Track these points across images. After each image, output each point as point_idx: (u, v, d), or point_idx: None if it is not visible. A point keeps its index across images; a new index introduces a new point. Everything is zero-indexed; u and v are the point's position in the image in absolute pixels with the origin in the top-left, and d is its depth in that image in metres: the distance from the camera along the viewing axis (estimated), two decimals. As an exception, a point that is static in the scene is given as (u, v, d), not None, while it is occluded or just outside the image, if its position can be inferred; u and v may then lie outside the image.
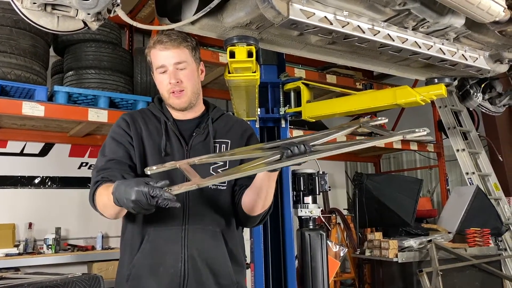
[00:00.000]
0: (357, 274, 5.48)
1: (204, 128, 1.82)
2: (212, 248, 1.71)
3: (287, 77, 3.34)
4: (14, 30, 3.80)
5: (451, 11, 2.07)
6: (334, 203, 6.64)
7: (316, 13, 1.89)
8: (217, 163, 1.78)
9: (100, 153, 1.78)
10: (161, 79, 1.76)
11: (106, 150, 1.76)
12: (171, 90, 1.75)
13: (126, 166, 1.70)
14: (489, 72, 2.67)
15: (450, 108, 6.22)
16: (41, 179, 4.78)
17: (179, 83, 1.74)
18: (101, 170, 1.68)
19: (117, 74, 4.42)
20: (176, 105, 1.79)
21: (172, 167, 1.54)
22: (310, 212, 3.49)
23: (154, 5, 5.61)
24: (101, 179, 1.65)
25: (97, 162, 1.75)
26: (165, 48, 1.72)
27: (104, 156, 1.74)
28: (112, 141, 1.77)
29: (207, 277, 1.69)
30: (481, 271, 4.68)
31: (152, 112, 1.86)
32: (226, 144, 1.83)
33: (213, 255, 1.71)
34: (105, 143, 1.79)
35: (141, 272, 1.66)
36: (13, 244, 4.28)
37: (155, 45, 1.74)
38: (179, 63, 1.74)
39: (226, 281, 1.72)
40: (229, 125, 1.90)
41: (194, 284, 1.66)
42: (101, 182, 1.64)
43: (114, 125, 1.83)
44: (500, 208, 5.83)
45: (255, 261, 3.22)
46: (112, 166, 1.68)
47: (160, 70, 1.74)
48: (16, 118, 4.07)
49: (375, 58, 2.56)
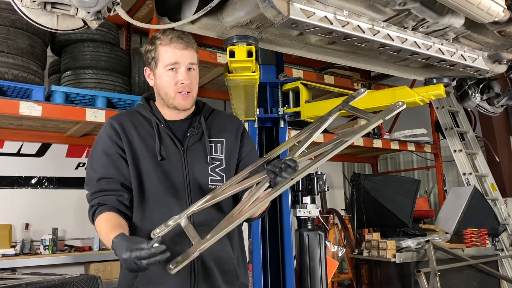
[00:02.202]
0: (355, 275, 5.48)
1: (198, 127, 1.81)
2: (218, 247, 1.71)
3: (285, 77, 3.34)
4: (12, 29, 3.78)
5: (450, 11, 2.08)
6: (331, 204, 6.64)
7: (316, 13, 1.89)
8: (214, 162, 1.77)
9: (89, 164, 1.76)
10: (170, 76, 1.72)
11: (95, 163, 1.74)
12: (180, 89, 1.72)
13: (118, 185, 1.70)
14: (488, 72, 2.67)
15: (448, 109, 6.25)
16: (38, 179, 4.76)
17: (189, 84, 1.73)
18: (96, 192, 1.70)
19: (115, 74, 4.41)
20: (181, 106, 1.76)
21: (175, 225, 1.54)
22: (308, 212, 3.49)
23: (151, 6, 5.61)
24: (97, 204, 1.67)
25: (88, 177, 1.75)
26: (183, 47, 1.71)
27: (93, 170, 1.73)
28: (102, 155, 1.74)
29: (215, 277, 1.70)
30: (478, 271, 4.69)
31: (141, 114, 1.81)
32: (221, 143, 1.82)
33: (220, 254, 1.72)
34: (94, 155, 1.77)
35: (150, 276, 1.64)
36: (9, 244, 4.27)
37: (171, 42, 1.70)
38: (192, 64, 1.74)
39: (231, 278, 1.74)
40: (221, 122, 1.89)
41: (204, 284, 1.67)
42: (97, 207, 1.67)
43: (102, 132, 1.79)
44: (497, 209, 5.85)
45: (254, 261, 3.22)
46: (106, 188, 1.69)
47: (170, 67, 1.71)
48: (13, 118, 4.05)
49: (375, 58, 2.56)
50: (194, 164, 1.74)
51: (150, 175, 1.69)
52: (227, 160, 1.81)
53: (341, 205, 7.11)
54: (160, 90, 1.76)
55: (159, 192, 1.69)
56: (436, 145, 6.69)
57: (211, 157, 1.78)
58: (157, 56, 1.73)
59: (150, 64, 1.76)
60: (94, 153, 1.77)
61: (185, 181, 1.72)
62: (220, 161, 1.79)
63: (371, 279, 4.90)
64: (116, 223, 1.60)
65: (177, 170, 1.72)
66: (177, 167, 1.72)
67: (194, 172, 1.74)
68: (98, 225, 1.65)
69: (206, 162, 1.76)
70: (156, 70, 1.75)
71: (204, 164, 1.76)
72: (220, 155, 1.81)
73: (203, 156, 1.77)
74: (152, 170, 1.70)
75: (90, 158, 1.77)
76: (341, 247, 4.21)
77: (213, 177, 1.77)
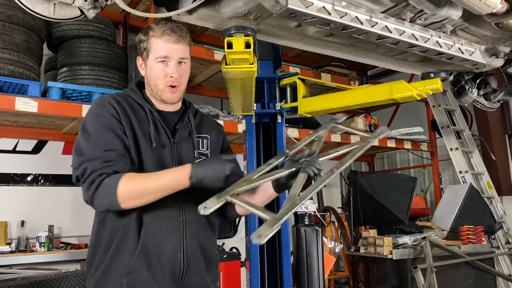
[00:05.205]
0: (351, 272, 5.48)
1: (187, 122, 1.84)
2: (205, 237, 1.78)
3: (283, 72, 3.33)
4: (7, 25, 3.77)
5: (448, 3, 2.08)
6: (328, 202, 6.64)
7: (314, 3, 1.89)
8: (201, 157, 1.83)
9: (84, 137, 1.63)
10: (160, 69, 1.73)
11: (97, 139, 1.62)
12: (170, 83, 1.74)
13: (128, 158, 1.64)
14: (485, 66, 2.68)
15: (444, 107, 6.27)
16: (34, 176, 4.74)
17: (178, 78, 1.75)
18: (105, 162, 1.58)
19: (111, 70, 4.41)
20: (168, 99, 1.78)
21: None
22: (305, 208, 3.49)
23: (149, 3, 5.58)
24: (112, 172, 1.57)
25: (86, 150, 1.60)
26: (175, 41, 1.71)
27: (94, 143, 1.61)
28: (103, 129, 1.64)
29: (201, 265, 1.76)
30: (474, 268, 4.71)
31: (133, 99, 1.79)
32: (206, 139, 1.90)
33: (206, 243, 1.79)
34: (90, 129, 1.65)
35: (142, 264, 1.64)
36: (5, 242, 4.23)
37: (163, 34, 1.70)
38: (182, 59, 1.75)
39: (212, 268, 1.82)
40: (206, 120, 1.97)
41: (191, 272, 1.71)
42: (107, 175, 1.56)
43: (99, 108, 1.69)
44: (493, 207, 5.87)
45: (251, 257, 3.21)
46: (116, 159, 1.60)
47: (160, 59, 1.72)
48: (9, 115, 4.03)
49: (372, 52, 2.56)
50: (183, 156, 1.78)
51: (148, 159, 1.69)
52: (212, 155, 1.88)
53: (337, 204, 7.12)
54: (150, 81, 1.78)
55: None
56: (432, 144, 6.72)
57: (198, 151, 1.83)
58: (149, 47, 1.74)
59: (142, 54, 1.78)
60: (90, 128, 1.65)
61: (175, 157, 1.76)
62: (205, 156, 1.86)
63: (368, 276, 4.91)
64: (151, 172, 1.63)
65: (168, 159, 1.74)
66: (168, 156, 1.75)
67: (182, 164, 1.73)
68: (131, 181, 1.55)
69: (193, 156, 1.81)
70: (147, 61, 1.76)
71: (192, 158, 1.79)
72: (206, 150, 1.88)
73: (191, 150, 1.81)
74: (149, 154, 1.70)
75: (85, 134, 1.64)
76: (338, 243, 4.21)
77: None
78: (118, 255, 1.66)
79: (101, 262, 1.68)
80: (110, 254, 1.67)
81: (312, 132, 1.94)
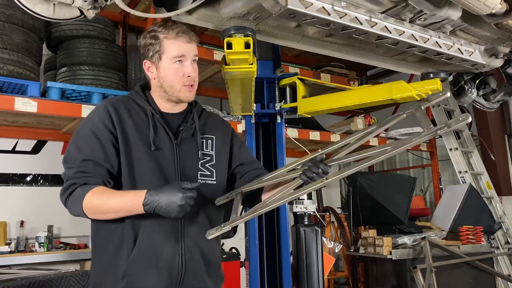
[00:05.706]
0: (351, 273, 5.48)
1: (191, 123, 1.82)
2: (204, 239, 1.71)
3: (282, 73, 3.33)
4: (7, 25, 3.77)
5: (448, 3, 2.08)
6: (327, 202, 6.65)
7: (314, 3, 1.89)
8: (205, 158, 1.81)
9: (74, 141, 1.68)
10: (175, 69, 1.72)
11: (82, 143, 1.67)
12: (187, 82, 1.74)
13: (105, 170, 1.66)
14: (484, 66, 2.68)
15: (443, 107, 6.27)
16: (33, 176, 4.73)
17: (195, 77, 1.76)
18: (80, 172, 1.63)
19: (111, 70, 4.40)
20: (186, 98, 1.78)
21: None
22: (305, 208, 3.48)
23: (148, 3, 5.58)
24: (82, 183, 1.62)
25: (70, 154, 1.67)
26: (188, 41, 1.73)
27: (78, 149, 1.66)
28: (91, 137, 1.67)
29: (201, 268, 1.74)
30: (474, 268, 4.71)
31: (135, 102, 1.79)
32: (211, 139, 1.87)
33: (206, 246, 1.76)
34: (82, 134, 1.69)
35: (139, 267, 1.64)
36: (4, 242, 4.23)
37: (177, 36, 1.71)
38: (196, 56, 1.77)
39: (214, 270, 1.79)
40: (212, 121, 1.94)
41: (191, 275, 1.70)
42: (80, 185, 1.62)
43: (95, 114, 1.73)
44: (493, 207, 5.87)
45: (250, 257, 3.20)
46: (91, 171, 1.63)
47: (177, 59, 1.71)
48: (8, 115, 4.03)
49: (372, 52, 2.56)
50: (186, 158, 1.76)
51: (142, 163, 1.68)
52: (217, 156, 1.85)
53: (337, 204, 7.11)
54: (164, 83, 1.75)
55: (150, 181, 1.66)
56: (432, 144, 6.72)
57: (202, 152, 1.81)
58: (162, 49, 1.72)
59: (153, 57, 1.74)
60: (82, 132, 1.70)
61: (176, 173, 1.72)
62: (210, 157, 1.83)
63: (367, 276, 4.91)
64: (117, 190, 1.63)
65: (169, 162, 1.72)
66: (169, 158, 1.73)
67: (185, 166, 1.75)
68: (95, 197, 1.59)
69: (197, 157, 1.79)
70: (160, 63, 1.74)
71: (196, 159, 1.78)
72: (211, 151, 1.85)
73: (195, 151, 1.79)
74: (144, 158, 1.68)
75: (76, 136, 1.70)
76: (338, 243, 4.21)
77: (203, 172, 1.79)
78: (115, 258, 1.67)
79: (99, 265, 1.71)
80: (107, 256, 1.68)
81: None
